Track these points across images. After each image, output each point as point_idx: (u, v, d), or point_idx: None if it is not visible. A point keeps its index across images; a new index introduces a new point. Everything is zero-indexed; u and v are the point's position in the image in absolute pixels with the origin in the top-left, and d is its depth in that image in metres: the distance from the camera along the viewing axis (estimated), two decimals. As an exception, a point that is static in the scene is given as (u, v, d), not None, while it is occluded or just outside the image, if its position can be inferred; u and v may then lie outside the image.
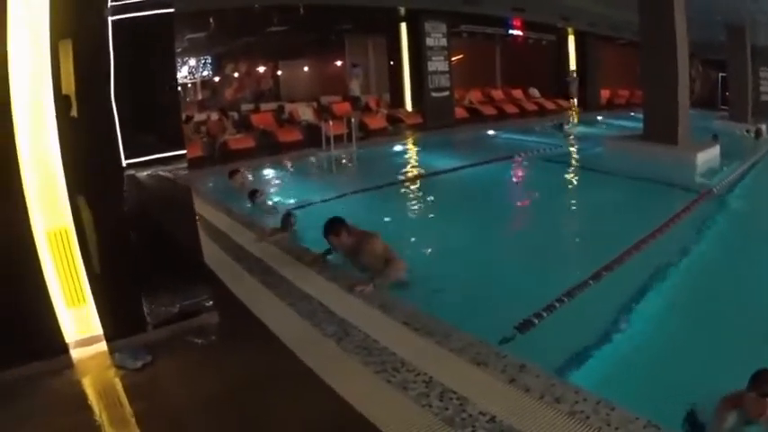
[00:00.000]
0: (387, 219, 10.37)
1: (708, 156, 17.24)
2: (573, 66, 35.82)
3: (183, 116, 17.94)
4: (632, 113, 29.72)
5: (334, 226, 7.68)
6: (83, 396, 5.20)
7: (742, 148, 20.07)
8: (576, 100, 34.62)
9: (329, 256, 8.05)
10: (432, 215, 12.12)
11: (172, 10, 5.97)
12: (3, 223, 5.35)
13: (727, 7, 24.56)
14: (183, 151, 6.22)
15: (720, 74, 37.80)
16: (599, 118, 30.50)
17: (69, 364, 5.57)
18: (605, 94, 37.78)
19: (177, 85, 7.79)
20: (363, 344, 5.44)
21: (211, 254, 7.77)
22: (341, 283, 7.00)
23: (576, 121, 30.34)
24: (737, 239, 10.07)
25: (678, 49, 17.28)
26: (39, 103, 5.31)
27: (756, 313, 6.93)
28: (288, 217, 9.65)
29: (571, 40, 35.45)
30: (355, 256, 7.78)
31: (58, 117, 5.37)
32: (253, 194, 12.63)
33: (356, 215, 7.91)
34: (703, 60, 37.88)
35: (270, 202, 12.85)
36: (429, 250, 9.60)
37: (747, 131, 24.03)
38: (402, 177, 15.95)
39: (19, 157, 5.25)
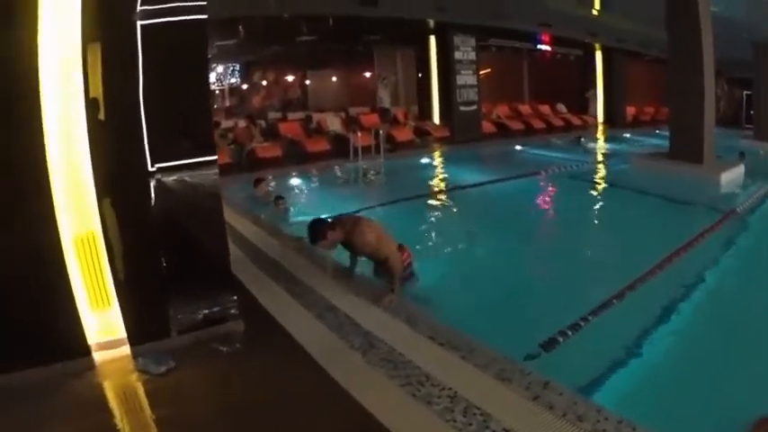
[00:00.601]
0: (413, 231, 10.32)
1: (732, 175, 17.17)
2: (599, 82, 35.68)
3: (211, 122, 18.05)
4: (657, 131, 29.63)
5: (317, 231, 7.23)
6: (104, 399, 5.24)
7: (766, 167, 19.89)
8: (598, 116, 34.08)
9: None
10: (458, 229, 12.06)
11: (205, 16, 5.98)
12: (31, 225, 5.39)
13: (752, 24, 24.45)
14: (214, 157, 6.21)
15: (745, 92, 37.53)
16: (626, 135, 30.29)
17: (91, 366, 5.62)
18: (631, 110, 37.49)
19: (209, 91, 7.78)
20: (389, 357, 5.43)
21: (237, 261, 7.76)
22: (367, 295, 6.98)
23: (598, 136, 30.22)
24: (760, 260, 9.97)
25: (705, 68, 17.21)
26: (69, 107, 5.35)
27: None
28: None
29: (598, 56, 35.33)
30: (353, 250, 7.64)
31: (87, 121, 5.40)
32: (277, 201, 12.94)
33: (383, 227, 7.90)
34: (728, 78, 37.66)
35: (290, 209, 13.06)
36: (454, 264, 9.58)
37: None
38: (429, 191, 15.93)
39: (48, 161, 5.27)
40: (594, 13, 26.51)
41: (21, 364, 5.30)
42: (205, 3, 5.97)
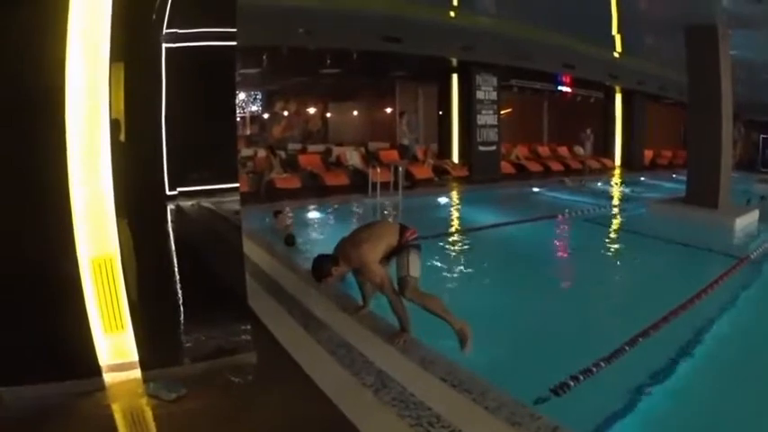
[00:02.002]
0: (427, 271, 10.29)
1: (747, 220, 17.31)
2: (618, 124, 35.89)
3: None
4: (674, 175, 29.82)
5: (321, 270, 6.99)
6: (113, 421, 5.23)
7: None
8: (589, 161, 32.75)
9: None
10: (472, 271, 12.01)
11: (234, 43, 6.03)
12: (50, 245, 5.44)
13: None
14: (236, 185, 6.25)
15: (762, 135, 37.61)
16: (642, 179, 30.53)
17: (102, 387, 5.61)
18: (648, 154, 37.75)
19: (235, 118, 7.81)
20: (400, 397, 5.39)
21: (252, 292, 7.76)
22: (381, 332, 6.95)
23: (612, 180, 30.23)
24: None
25: (723, 114, 17.41)
26: (92, 127, 5.37)
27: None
28: None
29: (618, 98, 35.59)
30: (360, 278, 7.52)
31: (109, 142, 5.43)
32: (288, 238, 13.19)
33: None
34: (746, 121, 37.73)
35: (299, 247, 13.17)
36: (467, 306, 9.52)
37: None
38: (445, 230, 15.87)
39: (70, 181, 5.30)
40: (616, 55, 26.64)
41: (33, 379, 5.32)
42: (235, 30, 6.03)
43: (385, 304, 7.15)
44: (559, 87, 32.88)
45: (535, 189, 25.05)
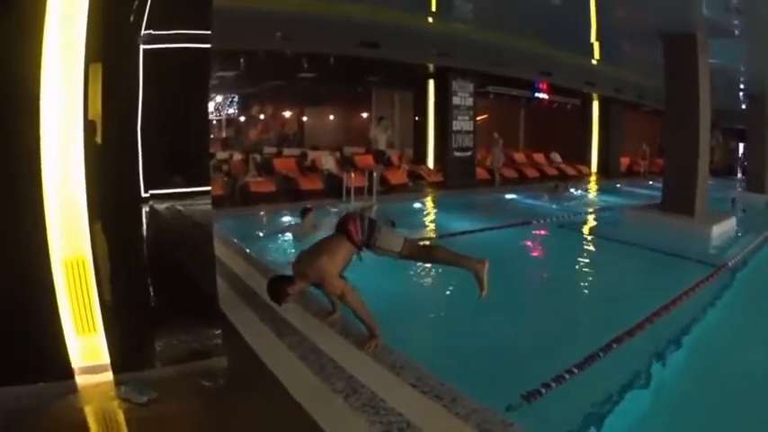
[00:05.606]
0: (401, 278, 10.27)
1: (723, 228, 17.40)
2: (595, 131, 36.23)
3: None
4: (650, 182, 30.19)
5: (277, 293, 6.86)
6: (84, 423, 5.21)
7: (759, 219, 20.05)
8: (497, 171, 29.96)
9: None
10: (445, 277, 12.02)
11: (208, 45, 6.02)
12: (22, 245, 5.41)
13: (749, 76, 24.71)
14: (208, 188, 6.23)
15: (740, 143, 37.93)
16: (617, 185, 30.71)
17: (74, 389, 5.58)
18: (625, 161, 38.05)
19: (208, 121, 7.80)
20: (371, 403, 5.37)
21: (224, 296, 7.75)
22: (353, 338, 6.92)
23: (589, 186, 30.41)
24: (750, 315, 10.11)
25: (701, 122, 17.49)
26: (68, 128, 5.36)
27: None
28: None
29: (595, 105, 35.86)
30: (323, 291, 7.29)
31: (84, 143, 5.41)
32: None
33: (369, 273, 7.82)
34: (723, 129, 37.95)
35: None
36: (440, 313, 9.54)
37: None
38: (420, 237, 15.70)
39: (44, 182, 5.28)
40: (594, 62, 26.75)
41: (4, 381, 5.28)
42: (209, 32, 6.02)
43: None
44: (536, 94, 33.04)
45: (510, 195, 25.02)
